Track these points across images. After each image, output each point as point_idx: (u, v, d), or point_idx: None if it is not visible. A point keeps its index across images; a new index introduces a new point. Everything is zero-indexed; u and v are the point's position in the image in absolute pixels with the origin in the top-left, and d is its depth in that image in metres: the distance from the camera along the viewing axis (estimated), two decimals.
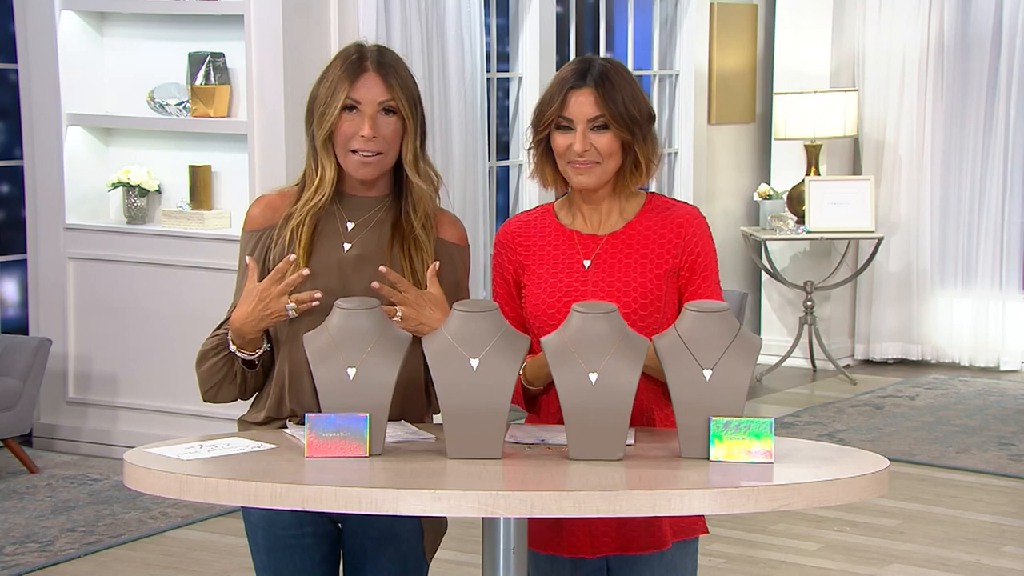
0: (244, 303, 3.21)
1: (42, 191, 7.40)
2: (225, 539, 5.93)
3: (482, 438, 2.96)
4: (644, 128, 3.25)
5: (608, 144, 3.22)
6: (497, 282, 3.37)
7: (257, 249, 3.32)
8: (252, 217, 3.36)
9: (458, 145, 7.49)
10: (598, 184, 3.26)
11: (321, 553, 3.33)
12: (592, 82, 3.22)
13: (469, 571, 5.57)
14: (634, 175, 3.28)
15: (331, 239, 3.30)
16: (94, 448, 7.30)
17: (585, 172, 3.24)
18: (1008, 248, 9.33)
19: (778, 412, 8.20)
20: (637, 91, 3.26)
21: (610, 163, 3.25)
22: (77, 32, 7.31)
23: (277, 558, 3.31)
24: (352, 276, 3.28)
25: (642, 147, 3.24)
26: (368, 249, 3.31)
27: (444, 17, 7.36)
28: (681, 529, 3.32)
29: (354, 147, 3.26)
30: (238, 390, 3.32)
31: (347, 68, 3.27)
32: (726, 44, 9.46)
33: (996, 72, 9.24)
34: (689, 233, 3.31)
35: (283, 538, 3.29)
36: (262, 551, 3.32)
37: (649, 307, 3.26)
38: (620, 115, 3.21)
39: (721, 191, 9.59)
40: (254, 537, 3.33)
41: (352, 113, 3.26)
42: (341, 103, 3.25)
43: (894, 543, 5.96)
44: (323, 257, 3.29)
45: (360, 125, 3.25)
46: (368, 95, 3.27)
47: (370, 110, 3.26)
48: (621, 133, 3.22)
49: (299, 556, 3.31)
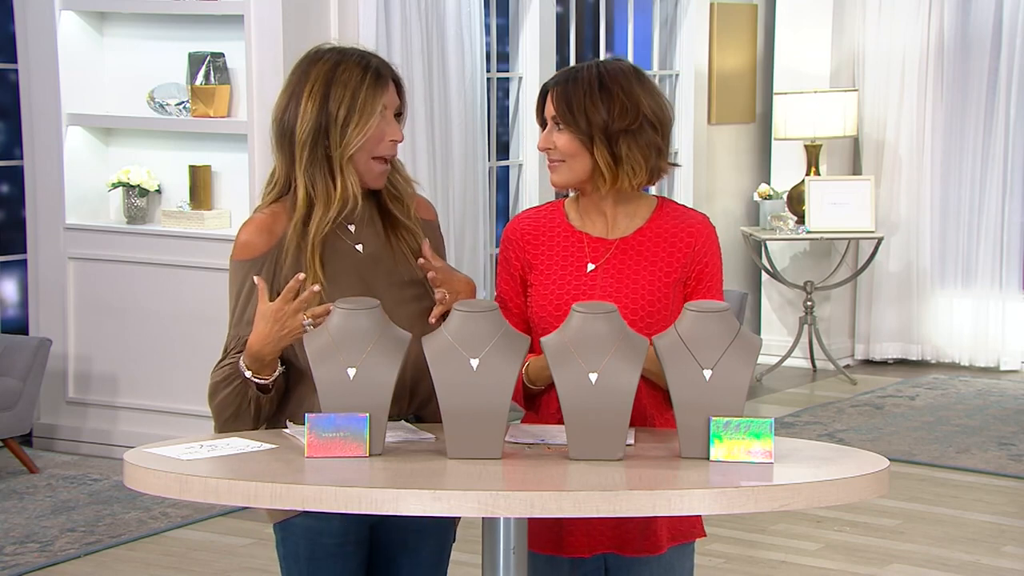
0: (259, 325, 3.15)
1: (42, 191, 7.40)
2: (225, 539, 5.93)
3: (482, 438, 2.96)
4: (605, 133, 3.21)
5: (566, 144, 3.23)
6: (503, 277, 3.38)
7: (263, 275, 3.23)
8: (249, 245, 3.27)
9: (458, 145, 7.49)
10: (567, 182, 3.28)
11: (358, 560, 3.31)
12: (555, 83, 3.27)
13: (469, 571, 5.56)
14: (601, 179, 3.24)
15: (340, 245, 3.29)
16: (94, 448, 7.30)
17: (553, 170, 3.28)
18: (1008, 248, 9.33)
19: (778, 412, 8.20)
20: (624, 98, 3.22)
21: (575, 163, 3.24)
22: (77, 32, 7.31)
23: (318, 568, 3.26)
24: (370, 276, 3.29)
25: (601, 152, 3.21)
26: (375, 246, 3.32)
27: (444, 17, 7.36)
28: (679, 532, 3.31)
29: (382, 153, 3.27)
30: (252, 419, 3.26)
31: (375, 76, 3.25)
32: (726, 44, 9.46)
33: (996, 72, 9.24)
34: (700, 243, 3.30)
35: (329, 547, 3.26)
36: (302, 561, 3.27)
37: (656, 315, 3.25)
38: (572, 118, 3.22)
39: (721, 191, 9.59)
40: (294, 548, 3.27)
41: (380, 119, 3.26)
42: (379, 112, 3.24)
43: (894, 543, 5.96)
44: (339, 264, 3.28)
45: (389, 131, 3.26)
46: (393, 101, 3.29)
47: (392, 115, 3.29)
48: (578, 134, 3.22)
49: (340, 564, 3.28)
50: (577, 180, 3.28)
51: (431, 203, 3.47)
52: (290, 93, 3.27)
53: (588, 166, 3.25)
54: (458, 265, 7.55)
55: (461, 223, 7.54)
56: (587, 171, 3.25)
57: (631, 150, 3.23)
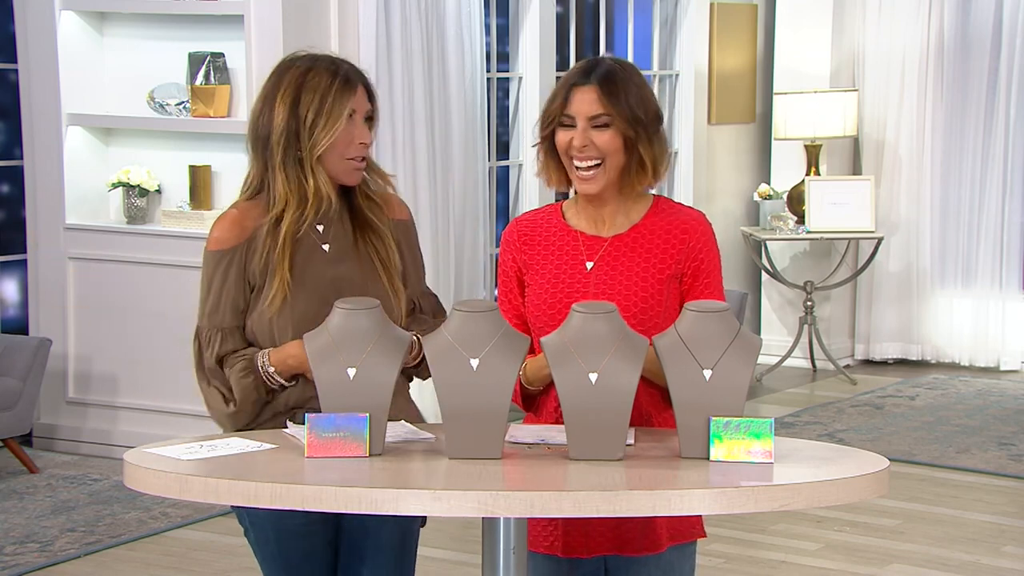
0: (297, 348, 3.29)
1: (42, 191, 7.40)
2: (225, 539, 5.93)
3: (482, 438, 2.96)
4: (649, 128, 3.24)
5: (608, 142, 3.22)
6: (501, 278, 3.41)
7: (234, 267, 3.39)
8: (221, 238, 3.42)
9: (458, 145, 7.49)
10: (602, 189, 3.27)
11: (327, 537, 3.45)
12: (596, 79, 3.23)
13: (469, 571, 5.57)
14: (640, 176, 3.27)
15: (308, 245, 3.42)
16: (94, 448, 7.30)
17: (590, 180, 3.24)
18: (1008, 248, 9.33)
19: (778, 412, 8.20)
20: (645, 91, 3.26)
21: (612, 162, 3.24)
22: (77, 32, 7.31)
23: (288, 548, 3.41)
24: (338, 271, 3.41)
25: (646, 147, 3.24)
26: (342, 246, 3.44)
27: (444, 17, 7.36)
28: (678, 532, 3.32)
29: (352, 154, 3.40)
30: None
31: (343, 81, 3.40)
32: (726, 44, 9.46)
33: (996, 72, 9.24)
34: (694, 239, 3.30)
35: (293, 527, 3.39)
36: (272, 544, 3.42)
37: (650, 311, 3.25)
38: (622, 112, 3.21)
39: (721, 191, 9.59)
40: (262, 531, 3.42)
41: (348, 122, 3.39)
42: (345, 115, 3.37)
43: (894, 543, 5.96)
44: (305, 263, 3.41)
45: (357, 133, 3.39)
46: (361, 104, 3.41)
47: (361, 118, 3.42)
48: (624, 130, 3.21)
49: (308, 543, 3.42)
50: (609, 183, 3.27)
51: (404, 202, 3.58)
52: (264, 98, 3.49)
53: (620, 165, 3.25)
54: (458, 265, 7.55)
55: (461, 223, 7.54)
56: (618, 171, 3.26)
57: (661, 145, 3.27)
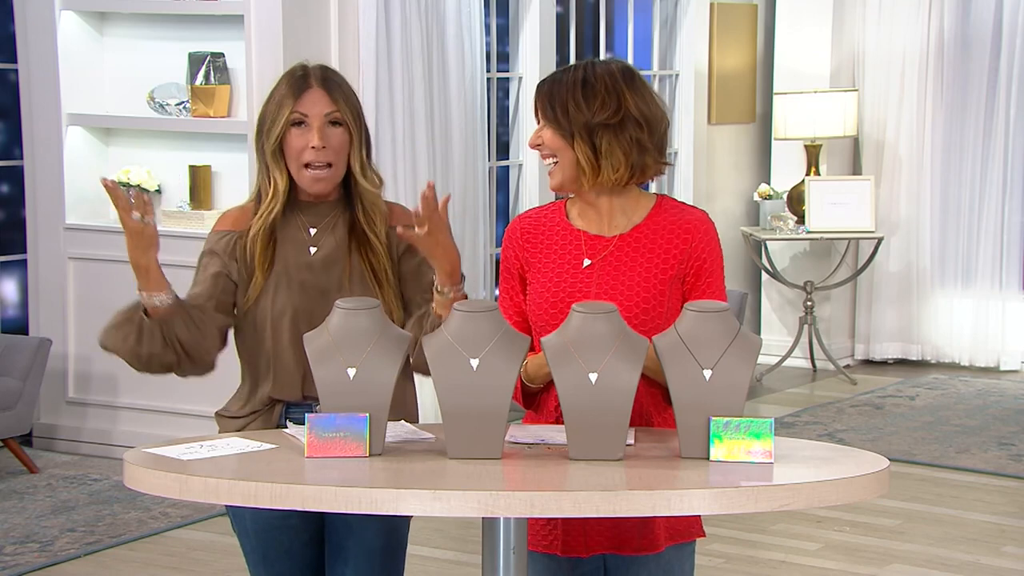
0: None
1: (42, 191, 7.40)
2: (225, 539, 5.93)
3: (482, 438, 2.96)
4: (585, 128, 3.25)
5: (550, 139, 3.29)
6: (503, 275, 3.43)
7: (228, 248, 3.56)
8: (219, 223, 3.65)
9: (458, 145, 7.49)
10: (561, 184, 3.32)
11: (308, 534, 3.49)
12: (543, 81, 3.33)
13: (469, 571, 5.57)
14: (592, 172, 3.28)
15: (296, 244, 3.49)
16: (94, 448, 7.30)
17: (551, 174, 3.33)
18: (1008, 248, 9.33)
19: (778, 412, 8.20)
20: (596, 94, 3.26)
21: (564, 159, 3.29)
22: (77, 32, 7.31)
23: (265, 540, 3.47)
24: (322, 276, 3.47)
25: (580, 146, 3.26)
26: (330, 251, 3.49)
27: (444, 17, 7.36)
28: (677, 532, 3.31)
29: (307, 160, 3.45)
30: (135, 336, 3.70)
31: (293, 84, 3.48)
32: (726, 44, 9.46)
33: (996, 72, 9.24)
34: (696, 239, 3.31)
35: (270, 519, 3.44)
36: (251, 536, 3.48)
37: (651, 311, 3.25)
38: (550, 113, 3.28)
39: (721, 191, 9.59)
40: (242, 525, 3.49)
41: (301, 128, 3.46)
42: (287, 117, 3.44)
43: (894, 543, 5.96)
44: (291, 262, 3.48)
45: (309, 137, 3.44)
46: (314, 108, 3.46)
47: (317, 122, 3.45)
48: (557, 130, 3.28)
49: (287, 537, 3.47)
50: (568, 178, 3.31)
51: (408, 210, 3.57)
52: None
53: (574, 161, 3.28)
54: None
55: (461, 223, 7.54)
56: (574, 167, 3.28)
57: (611, 145, 3.26)
